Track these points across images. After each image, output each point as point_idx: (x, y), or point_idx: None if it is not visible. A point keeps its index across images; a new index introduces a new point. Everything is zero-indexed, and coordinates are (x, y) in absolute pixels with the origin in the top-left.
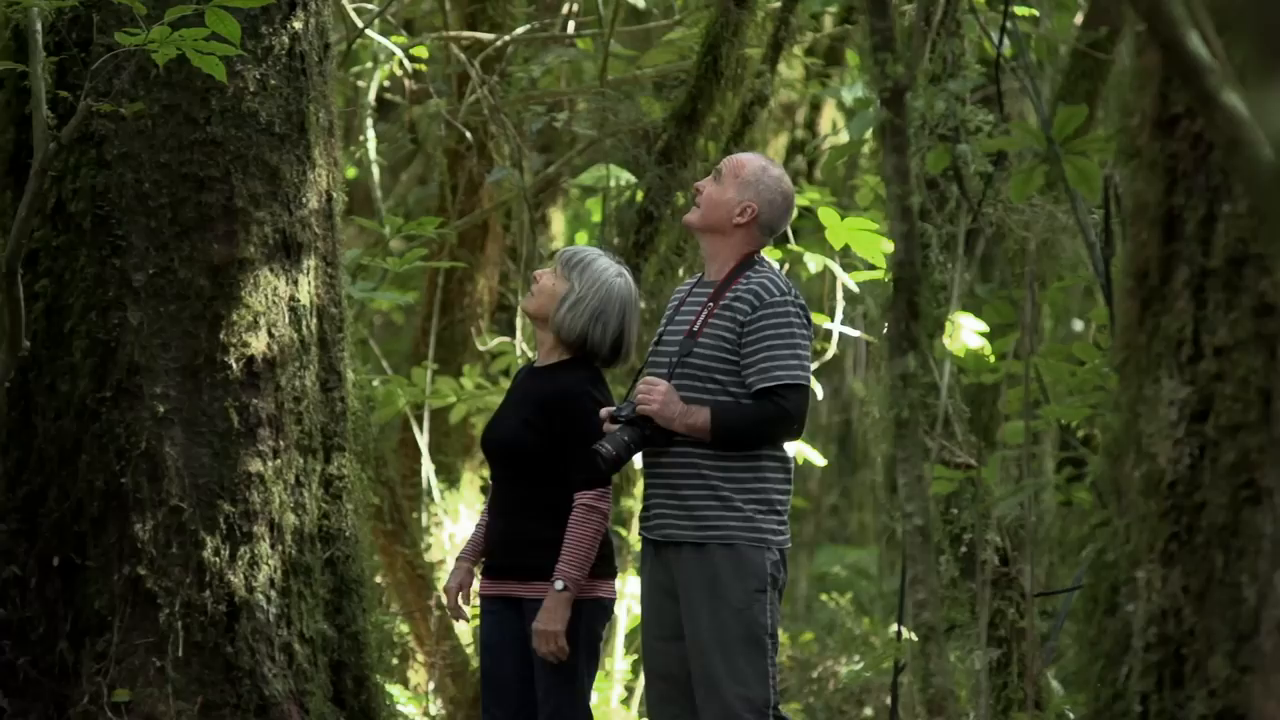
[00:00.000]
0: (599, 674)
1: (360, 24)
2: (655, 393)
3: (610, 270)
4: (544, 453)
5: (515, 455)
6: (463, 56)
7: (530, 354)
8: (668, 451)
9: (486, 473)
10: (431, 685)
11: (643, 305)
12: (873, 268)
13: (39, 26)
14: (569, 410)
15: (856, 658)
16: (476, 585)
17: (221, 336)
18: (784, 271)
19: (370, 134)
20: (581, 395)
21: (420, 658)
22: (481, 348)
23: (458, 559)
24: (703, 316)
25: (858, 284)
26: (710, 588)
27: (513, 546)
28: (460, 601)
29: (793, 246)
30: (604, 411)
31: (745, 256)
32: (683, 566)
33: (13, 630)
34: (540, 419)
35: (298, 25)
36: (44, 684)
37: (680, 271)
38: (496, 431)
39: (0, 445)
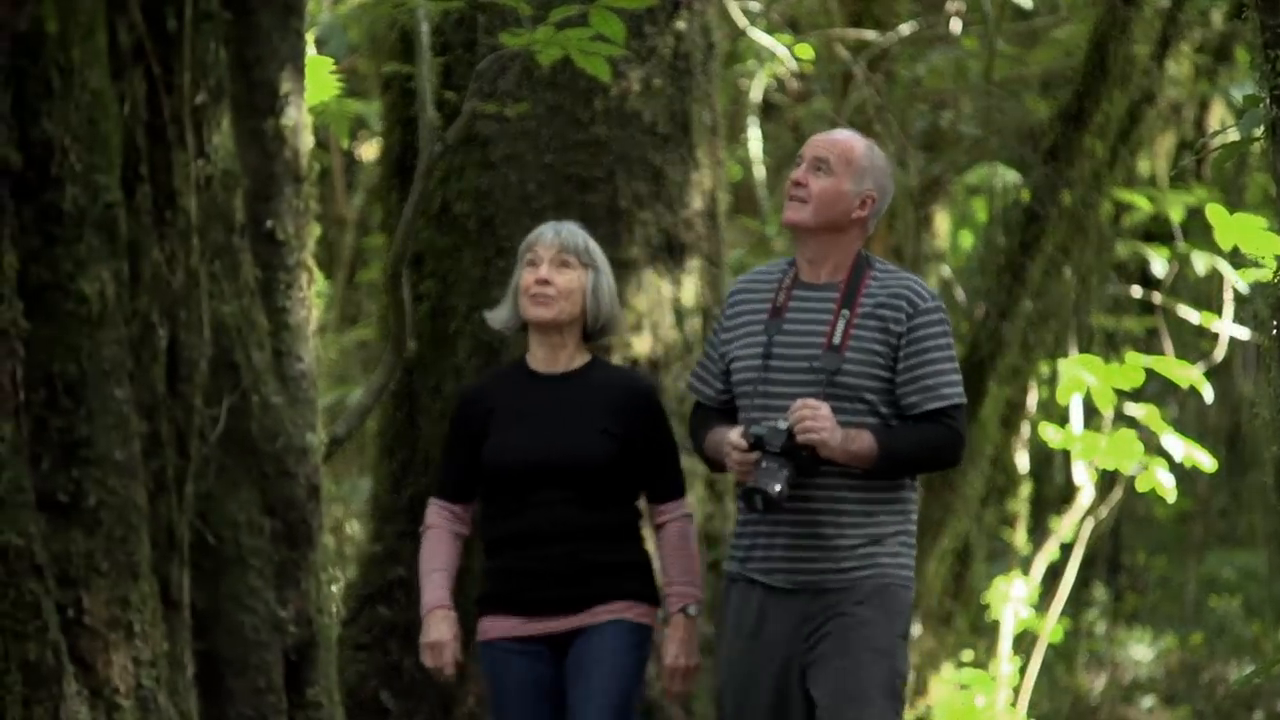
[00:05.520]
0: (983, 675)
1: (744, 23)
2: (822, 419)
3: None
4: (620, 466)
5: (593, 471)
6: (846, 55)
7: None
8: (803, 482)
9: None
10: None
11: (1031, 307)
12: (1263, 267)
13: (426, 28)
14: (656, 414)
15: (1246, 661)
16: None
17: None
18: (1173, 273)
19: (754, 133)
20: (657, 395)
21: None
22: None
23: (437, 608)
24: (841, 327)
25: (1247, 284)
26: (854, 631)
27: (574, 576)
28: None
29: (1181, 246)
30: (735, 437)
31: (858, 253)
32: (818, 611)
33: (399, 631)
34: (618, 425)
35: (682, 25)
36: (430, 685)
37: (1067, 272)
38: (565, 446)
39: (385, 448)
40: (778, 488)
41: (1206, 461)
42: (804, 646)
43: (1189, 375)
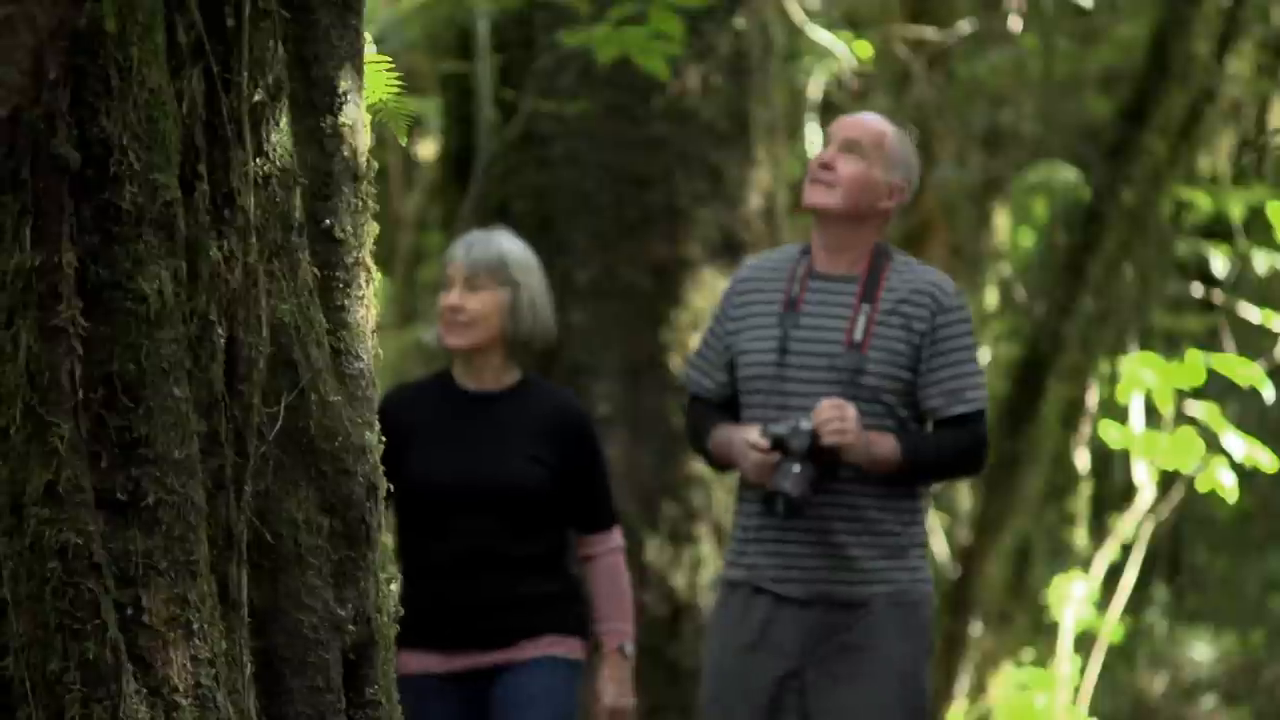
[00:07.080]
0: (1044, 674)
1: (802, 21)
2: (849, 419)
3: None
4: (550, 495)
5: (522, 500)
6: (906, 53)
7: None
8: (822, 487)
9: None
10: None
11: (1091, 306)
12: None
13: (484, 26)
14: (590, 441)
15: None
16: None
17: (663, 337)
18: (1234, 271)
19: (812, 131)
20: (590, 420)
21: None
22: None
23: None
24: (862, 324)
25: None
26: (873, 651)
27: (499, 609)
28: None
29: (1242, 244)
30: (755, 437)
31: (877, 245)
32: (831, 626)
33: None
34: (550, 452)
35: (740, 23)
36: None
37: (1128, 270)
38: (492, 472)
39: None
40: (800, 490)
41: (1268, 461)
42: (812, 661)
43: (1250, 374)
